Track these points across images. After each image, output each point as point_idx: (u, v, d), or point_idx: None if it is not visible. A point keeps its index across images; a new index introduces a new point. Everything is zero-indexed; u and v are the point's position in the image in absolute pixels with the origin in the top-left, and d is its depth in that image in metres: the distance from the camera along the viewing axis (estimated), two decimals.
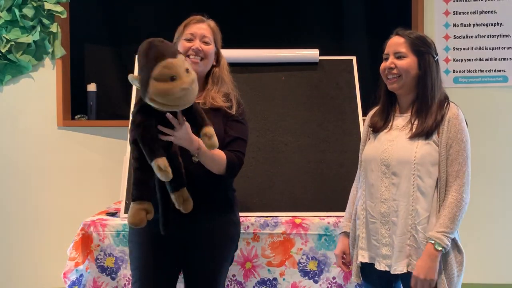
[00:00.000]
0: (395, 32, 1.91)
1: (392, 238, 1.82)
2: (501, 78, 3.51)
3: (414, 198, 1.78)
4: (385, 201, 1.84)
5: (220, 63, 2.07)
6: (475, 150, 3.57)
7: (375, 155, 1.88)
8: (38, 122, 3.49)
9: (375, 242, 1.87)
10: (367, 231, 1.91)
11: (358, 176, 2.07)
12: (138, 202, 1.71)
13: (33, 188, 3.50)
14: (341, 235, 2.06)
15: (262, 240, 2.39)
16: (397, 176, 1.81)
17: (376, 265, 1.87)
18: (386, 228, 1.84)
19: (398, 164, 1.81)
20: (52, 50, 3.44)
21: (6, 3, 3.34)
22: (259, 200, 2.53)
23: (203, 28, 2.02)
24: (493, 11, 3.49)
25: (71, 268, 2.33)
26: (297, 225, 2.39)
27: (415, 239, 1.78)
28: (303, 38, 3.63)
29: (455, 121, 1.81)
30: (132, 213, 1.70)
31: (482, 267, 3.47)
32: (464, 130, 1.82)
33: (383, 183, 1.85)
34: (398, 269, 1.80)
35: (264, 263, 2.39)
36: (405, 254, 1.79)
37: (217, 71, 2.05)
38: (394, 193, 1.82)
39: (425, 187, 1.78)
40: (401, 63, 1.84)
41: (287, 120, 2.76)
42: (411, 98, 1.89)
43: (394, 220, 1.82)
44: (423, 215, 1.78)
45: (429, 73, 1.84)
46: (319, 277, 2.39)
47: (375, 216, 1.87)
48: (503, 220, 3.50)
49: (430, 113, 1.81)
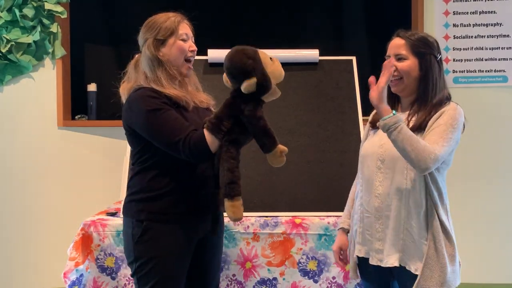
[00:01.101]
0: (396, 33, 1.91)
1: (385, 232, 1.83)
2: (501, 78, 3.52)
3: (407, 192, 1.78)
4: (379, 196, 1.84)
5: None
6: (475, 150, 3.59)
7: (372, 150, 1.89)
8: (38, 122, 3.50)
9: (369, 236, 1.88)
10: (363, 225, 1.92)
11: (358, 173, 2.08)
12: (238, 197, 1.72)
13: (33, 188, 3.51)
14: (339, 231, 2.07)
15: (262, 240, 2.39)
16: (391, 171, 1.82)
17: (370, 260, 1.88)
18: (379, 223, 1.85)
19: (392, 159, 1.81)
20: (52, 50, 3.44)
21: (6, 3, 3.34)
22: (259, 200, 2.54)
23: (190, 28, 1.97)
24: (493, 11, 3.49)
25: (71, 268, 2.33)
26: (297, 225, 2.39)
27: (409, 233, 1.78)
28: (303, 38, 3.63)
29: (450, 111, 1.77)
30: (237, 209, 1.71)
31: (482, 267, 3.48)
32: (456, 118, 1.76)
33: (378, 177, 1.85)
34: (389, 262, 1.79)
35: (264, 263, 2.39)
36: (397, 248, 1.80)
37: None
38: (388, 187, 1.82)
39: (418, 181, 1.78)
40: (402, 65, 1.84)
41: (287, 120, 2.76)
42: (412, 99, 1.89)
43: (388, 214, 1.82)
44: (415, 209, 1.78)
45: (430, 74, 1.84)
46: (319, 277, 2.39)
47: (369, 211, 1.88)
48: (503, 220, 3.50)
49: (428, 109, 1.82)
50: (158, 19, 1.93)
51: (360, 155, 1.98)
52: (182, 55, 1.91)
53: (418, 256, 1.78)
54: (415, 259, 1.79)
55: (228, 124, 1.72)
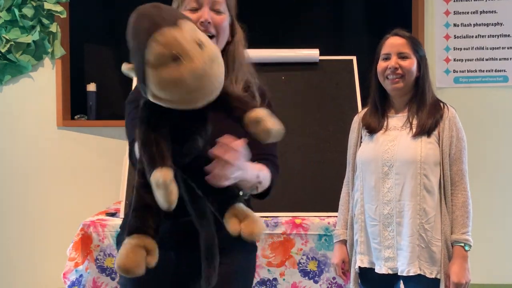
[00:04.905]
0: (393, 32, 1.91)
1: (396, 239, 1.81)
2: (501, 78, 3.51)
3: (421, 197, 1.78)
4: (388, 203, 1.82)
5: (234, 38, 1.51)
6: (475, 150, 3.58)
7: (375, 156, 1.86)
8: (37, 122, 3.49)
9: (376, 245, 1.85)
10: (366, 235, 1.89)
11: (347, 180, 2.04)
12: (136, 236, 1.10)
13: (33, 188, 3.50)
14: (338, 244, 2.02)
15: (262, 240, 2.38)
16: (401, 176, 1.80)
17: (377, 269, 1.85)
18: (389, 230, 1.82)
19: (403, 164, 1.80)
20: (52, 50, 3.43)
21: (6, 3, 3.34)
22: (259, 200, 2.53)
23: None
24: (493, 11, 3.49)
25: (70, 268, 2.32)
26: (297, 225, 2.39)
27: (423, 239, 1.78)
28: (303, 38, 3.62)
29: (455, 120, 1.84)
30: (126, 252, 1.07)
31: (483, 267, 3.47)
32: (462, 130, 1.86)
33: (386, 184, 1.83)
34: (412, 271, 1.78)
35: (264, 263, 2.39)
36: (416, 255, 1.78)
37: (232, 50, 1.50)
38: (399, 193, 1.80)
39: (431, 186, 1.79)
40: (405, 63, 1.85)
41: (287, 120, 2.74)
42: (406, 98, 1.89)
43: (399, 221, 1.80)
44: (430, 213, 1.78)
45: (426, 74, 1.87)
46: (319, 277, 2.38)
47: (376, 219, 1.85)
48: (503, 220, 3.50)
49: (428, 111, 1.83)
50: None
51: (359, 162, 1.93)
52: None
53: (432, 260, 1.78)
54: (429, 262, 1.79)
55: None
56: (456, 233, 1.77)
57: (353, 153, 1.98)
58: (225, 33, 1.45)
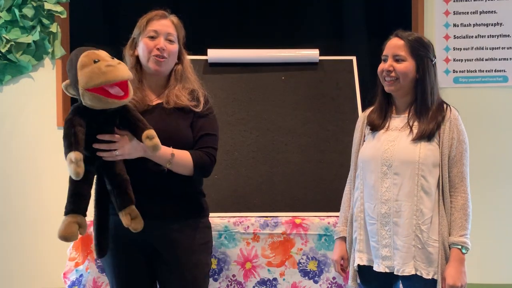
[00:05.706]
0: (395, 33, 1.90)
1: (393, 239, 1.82)
2: (501, 78, 3.51)
3: (418, 198, 1.78)
4: (385, 202, 1.83)
5: (183, 61, 1.97)
6: (475, 150, 3.58)
7: (375, 155, 1.87)
8: (37, 122, 3.49)
9: (374, 243, 1.86)
10: (365, 233, 1.90)
11: (350, 177, 2.05)
12: (71, 215, 1.72)
13: (33, 188, 3.50)
14: (338, 240, 2.04)
15: (262, 240, 2.38)
16: (399, 176, 1.81)
17: (375, 267, 1.86)
18: (386, 229, 1.83)
19: (401, 164, 1.80)
20: (52, 50, 3.44)
21: (6, 3, 3.34)
22: (259, 200, 2.53)
23: (167, 25, 1.91)
24: (493, 11, 3.49)
25: (71, 268, 2.33)
26: (297, 225, 2.39)
27: (419, 240, 1.78)
28: (303, 38, 3.63)
29: (456, 121, 1.83)
30: (64, 226, 1.69)
31: (482, 267, 3.47)
32: (464, 132, 1.84)
33: (384, 183, 1.84)
34: (406, 271, 1.79)
35: (264, 263, 2.39)
36: (411, 255, 1.79)
37: (179, 69, 1.95)
38: (396, 193, 1.81)
39: (429, 187, 1.79)
40: (400, 66, 1.84)
41: (287, 120, 2.75)
42: (408, 100, 1.89)
43: (396, 220, 1.81)
44: (427, 215, 1.78)
45: (427, 77, 1.84)
46: (319, 277, 2.39)
47: (374, 217, 1.86)
48: (503, 220, 3.50)
49: (430, 115, 1.82)
50: (140, 19, 1.98)
51: (360, 160, 1.94)
52: (146, 53, 1.89)
53: (428, 260, 1.79)
54: (426, 263, 1.79)
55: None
56: (454, 235, 1.77)
57: (356, 151, 1.99)
58: (174, 57, 1.93)
